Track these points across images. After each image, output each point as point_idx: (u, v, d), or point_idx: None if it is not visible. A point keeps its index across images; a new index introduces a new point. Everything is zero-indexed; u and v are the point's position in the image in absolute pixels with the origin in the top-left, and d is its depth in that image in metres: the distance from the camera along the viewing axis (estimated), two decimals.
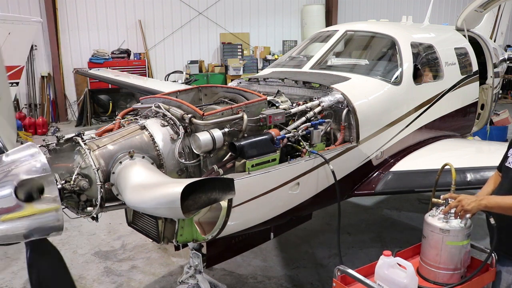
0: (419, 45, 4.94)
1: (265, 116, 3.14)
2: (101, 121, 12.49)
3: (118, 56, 12.71)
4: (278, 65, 5.15)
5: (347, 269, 2.72)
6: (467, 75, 5.37)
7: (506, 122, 8.91)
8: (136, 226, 3.29)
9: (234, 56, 13.58)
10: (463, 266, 2.70)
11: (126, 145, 2.78)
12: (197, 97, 3.75)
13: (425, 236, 2.74)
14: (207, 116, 2.94)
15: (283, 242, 5.17)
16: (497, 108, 8.52)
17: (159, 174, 2.70)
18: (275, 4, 14.86)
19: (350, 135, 3.73)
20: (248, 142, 2.94)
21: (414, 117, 4.46)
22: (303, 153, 3.28)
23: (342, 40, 4.94)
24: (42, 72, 12.43)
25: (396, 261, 2.57)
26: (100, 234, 5.51)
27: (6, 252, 4.96)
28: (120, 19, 13.12)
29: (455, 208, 2.59)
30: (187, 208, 2.20)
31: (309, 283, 4.37)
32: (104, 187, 2.64)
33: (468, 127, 5.72)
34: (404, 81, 4.34)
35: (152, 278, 4.49)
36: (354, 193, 4.09)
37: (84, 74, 11.37)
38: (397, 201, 6.45)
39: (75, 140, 2.73)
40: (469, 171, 3.84)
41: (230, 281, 4.41)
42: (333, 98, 3.68)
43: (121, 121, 3.13)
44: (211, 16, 14.02)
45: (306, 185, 3.33)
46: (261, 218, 3.20)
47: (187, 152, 2.93)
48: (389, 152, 4.24)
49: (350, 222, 5.76)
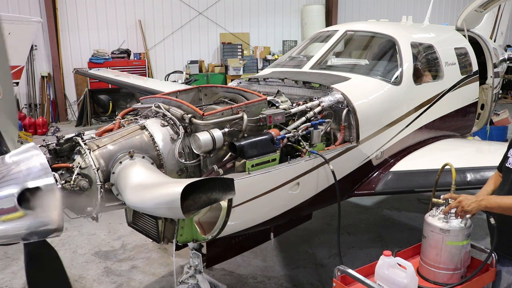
0: (419, 45, 4.93)
1: (265, 116, 3.14)
2: (101, 121, 12.49)
3: (118, 56, 12.71)
4: (278, 65, 5.15)
5: (347, 269, 2.72)
6: (467, 75, 5.37)
7: (506, 122, 8.91)
8: (136, 226, 3.29)
9: (234, 56, 13.58)
10: (463, 266, 2.70)
11: (126, 145, 2.78)
12: (197, 97, 3.75)
13: (425, 236, 2.74)
14: (207, 116, 2.94)
15: (283, 242, 5.17)
16: (497, 108, 8.51)
17: (159, 174, 2.69)
18: (275, 4, 14.86)
19: (350, 135, 3.73)
20: (248, 142, 2.94)
21: (414, 117, 4.46)
22: (303, 153, 3.28)
23: (342, 40, 4.93)
24: (42, 72, 12.43)
25: (396, 261, 2.57)
26: (100, 234, 5.51)
27: (6, 252, 4.96)
28: (120, 19, 13.12)
29: (455, 209, 2.59)
30: (187, 208, 2.20)
31: (309, 283, 4.37)
32: (104, 187, 2.64)
33: (468, 127, 5.72)
34: (404, 81, 4.34)
35: (152, 278, 4.49)
36: (354, 193, 4.09)
37: (84, 74, 11.37)
38: (397, 201, 6.45)
39: (75, 140, 2.73)
40: (469, 171, 3.84)
41: (230, 281, 4.41)
42: (333, 98, 3.68)
43: (121, 121, 3.12)
44: (211, 16, 14.02)
45: (306, 185, 3.33)
46: (261, 218, 3.19)
47: (187, 152, 2.93)
48: (389, 152, 4.23)
49: (350, 222, 5.76)
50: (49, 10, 12.10)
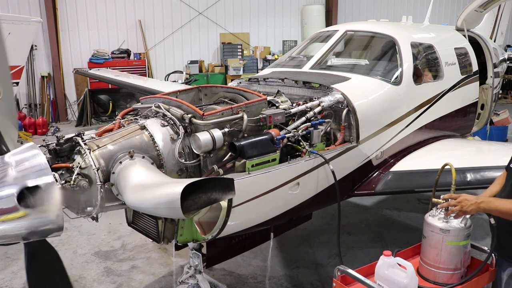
0: (419, 45, 4.93)
1: (265, 116, 3.14)
2: (101, 121, 12.50)
3: (118, 56, 12.71)
4: (278, 65, 5.14)
5: (347, 269, 2.72)
6: (467, 75, 5.37)
7: (506, 122, 8.91)
8: (136, 226, 3.29)
9: (234, 56, 13.57)
10: (463, 266, 2.70)
11: (126, 145, 2.78)
12: (197, 97, 3.75)
13: (425, 236, 2.74)
14: (207, 116, 2.94)
15: (283, 242, 5.17)
16: (497, 108, 8.52)
17: (159, 174, 2.69)
18: (275, 4, 14.86)
19: (350, 135, 3.73)
20: (248, 142, 2.94)
21: (414, 117, 4.46)
22: (303, 153, 3.28)
23: (342, 40, 4.93)
24: (42, 72, 12.43)
25: (396, 261, 2.57)
26: (100, 234, 5.51)
27: (6, 252, 4.96)
28: (120, 19, 13.12)
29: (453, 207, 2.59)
30: (187, 208, 2.20)
31: (309, 283, 4.37)
32: (104, 187, 2.64)
33: (468, 127, 5.72)
34: (404, 81, 4.34)
35: (152, 278, 4.49)
36: (354, 193, 4.08)
37: (84, 74, 11.37)
38: (397, 201, 6.45)
39: (75, 140, 2.73)
40: (469, 171, 3.84)
41: (230, 281, 4.41)
42: (333, 98, 3.68)
43: (121, 121, 3.12)
44: (211, 16, 14.02)
45: (306, 185, 3.33)
46: (261, 218, 3.19)
47: (187, 152, 2.93)
48: (389, 152, 4.23)
49: (350, 222, 5.76)
50: (49, 10, 12.10)
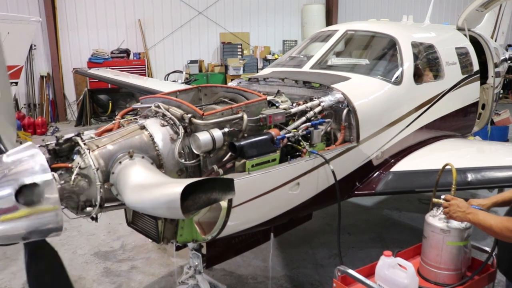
0: (420, 44, 4.92)
1: (265, 116, 3.13)
2: (101, 121, 12.50)
3: (118, 56, 12.70)
4: (278, 65, 5.14)
5: (348, 270, 2.72)
6: (468, 74, 5.36)
7: (507, 122, 8.91)
8: (136, 226, 3.28)
9: (234, 55, 13.57)
10: (464, 266, 2.69)
11: (125, 145, 2.76)
12: (197, 97, 3.74)
13: (426, 236, 2.74)
14: (207, 116, 2.93)
15: (283, 242, 5.16)
16: (498, 108, 8.52)
17: (159, 174, 2.68)
18: (275, 3, 14.86)
19: (350, 135, 3.72)
20: (248, 142, 2.93)
21: (415, 117, 4.45)
22: (303, 153, 3.27)
23: (343, 39, 4.92)
24: (41, 71, 12.43)
25: (397, 261, 2.57)
26: (100, 234, 5.50)
27: (6, 253, 4.95)
28: (119, 18, 13.12)
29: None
30: (187, 208, 2.19)
31: (309, 283, 4.36)
32: (103, 187, 2.63)
33: (469, 127, 5.71)
34: (405, 81, 4.33)
35: (152, 278, 4.48)
36: (355, 193, 4.07)
37: (84, 74, 11.35)
38: (397, 201, 6.44)
39: (75, 140, 2.72)
40: (469, 171, 3.83)
41: (230, 281, 4.40)
42: (333, 98, 3.67)
43: (120, 121, 3.11)
44: (211, 15, 14.02)
45: (306, 185, 3.32)
46: (261, 218, 3.19)
47: (186, 152, 2.92)
48: (390, 152, 4.22)
49: (350, 222, 5.75)
50: (48, 9, 12.10)
